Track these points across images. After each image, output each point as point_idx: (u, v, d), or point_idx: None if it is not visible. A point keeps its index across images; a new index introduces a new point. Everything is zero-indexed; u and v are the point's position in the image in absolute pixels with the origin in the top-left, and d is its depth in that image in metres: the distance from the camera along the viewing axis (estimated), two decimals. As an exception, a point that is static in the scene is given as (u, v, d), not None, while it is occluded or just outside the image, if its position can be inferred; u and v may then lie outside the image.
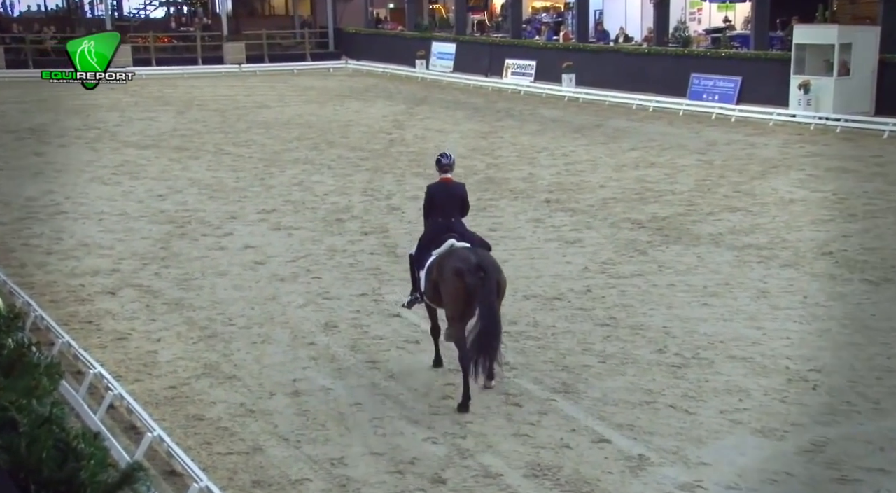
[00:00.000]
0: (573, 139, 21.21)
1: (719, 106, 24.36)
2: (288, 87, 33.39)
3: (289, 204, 15.17)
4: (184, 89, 31.76)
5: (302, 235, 13.22)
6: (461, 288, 7.55)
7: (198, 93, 31.02)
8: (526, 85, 30.48)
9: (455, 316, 7.68)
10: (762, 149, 19.51)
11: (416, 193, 15.70)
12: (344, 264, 11.77)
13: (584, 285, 10.75)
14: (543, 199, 15.13)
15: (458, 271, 7.58)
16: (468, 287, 7.51)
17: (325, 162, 18.82)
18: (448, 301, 7.72)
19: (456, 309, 7.65)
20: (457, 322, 7.67)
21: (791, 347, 8.78)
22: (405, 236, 12.97)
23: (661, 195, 15.25)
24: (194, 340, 9.21)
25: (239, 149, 20.55)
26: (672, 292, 10.40)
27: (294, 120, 25.03)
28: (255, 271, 11.52)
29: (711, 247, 12.19)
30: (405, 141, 21.36)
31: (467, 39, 35.39)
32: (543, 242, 12.57)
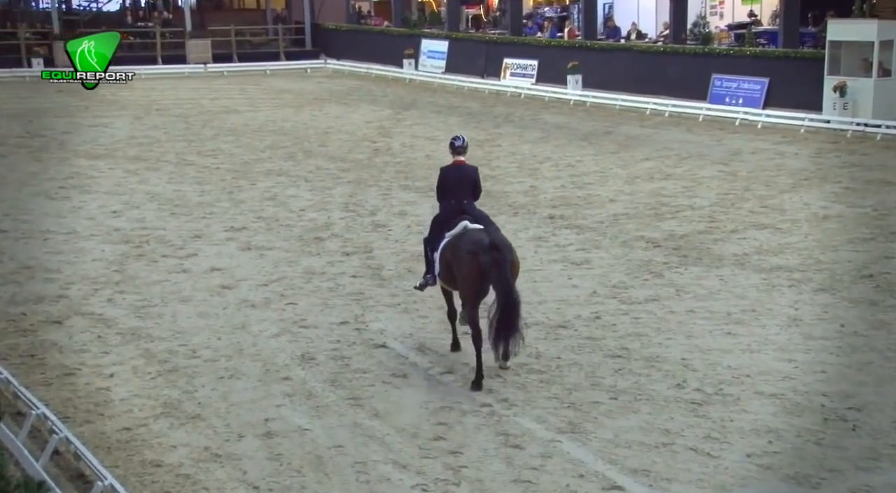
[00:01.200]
0: (580, 148, 21.31)
1: (744, 111, 24.51)
2: (259, 89, 33.48)
3: (260, 221, 15.18)
4: (141, 92, 31.83)
5: (275, 255, 13.22)
6: (475, 268, 8.65)
7: (157, 96, 31.10)
8: (527, 87, 30.64)
9: (469, 296, 8.83)
10: (792, 159, 19.63)
11: (403, 209, 15.75)
12: (323, 288, 11.77)
13: (592, 311, 10.76)
14: (547, 215, 15.17)
15: (472, 252, 8.70)
16: (482, 267, 8.62)
17: (301, 174, 18.87)
18: (462, 281, 8.86)
19: (470, 289, 8.77)
20: (471, 302, 8.82)
21: (827, 382, 8.80)
22: (392, 257, 12.99)
23: (678, 211, 15.32)
24: (152, 375, 9.18)
25: (204, 159, 20.58)
26: (692, 320, 10.43)
27: (266, 126, 25.08)
28: (222, 296, 11.50)
29: (736, 269, 12.23)
30: (391, 150, 21.43)
31: (461, 36, 35.59)
32: (547, 263, 12.60)
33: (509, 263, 8.68)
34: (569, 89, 29.12)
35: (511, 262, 8.74)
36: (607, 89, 28.32)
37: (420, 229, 14.41)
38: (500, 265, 8.55)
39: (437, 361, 9.41)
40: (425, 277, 9.66)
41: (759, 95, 24.99)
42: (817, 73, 23.17)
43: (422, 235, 13.97)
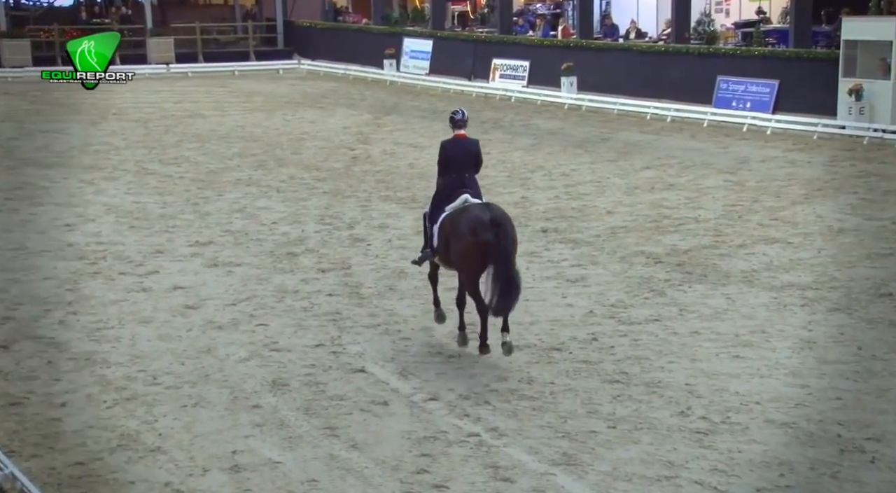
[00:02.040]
0: (575, 156, 21.38)
1: (752, 115, 24.65)
2: (227, 92, 33.47)
3: (228, 235, 15.15)
4: (98, 95, 31.67)
5: (244, 272, 13.20)
6: (474, 244, 9.52)
7: (115, 99, 31.04)
8: (517, 90, 30.75)
9: (469, 273, 9.70)
10: (804, 167, 19.74)
11: (384, 222, 15.76)
12: (296, 307, 11.75)
13: (588, 332, 10.77)
14: (539, 228, 15.20)
15: (472, 228, 9.56)
16: (482, 243, 9.48)
17: (272, 184, 18.85)
18: (462, 258, 9.70)
19: (470, 265, 9.64)
20: (471, 279, 9.69)
21: (843, 410, 8.82)
22: (371, 274, 12.98)
23: (681, 224, 15.38)
24: (108, 404, 9.13)
25: (166, 168, 20.54)
26: (696, 342, 10.45)
27: (235, 132, 25.07)
28: (185, 317, 11.47)
29: (744, 287, 12.28)
30: (371, 158, 21.44)
31: (446, 35, 35.71)
32: (539, 280, 12.61)
33: (510, 239, 9.58)
34: (563, 92, 29.23)
35: (511, 238, 9.61)
36: (604, 92, 28.44)
37: (402, 244, 14.44)
38: (500, 242, 9.46)
39: (420, 387, 9.39)
40: (424, 251, 10.48)
41: (769, 98, 25.14)
42: (831, 75, 23.27)
43: (404, 249, 14.08)
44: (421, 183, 18.59)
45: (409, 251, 14.05)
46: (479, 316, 9.91)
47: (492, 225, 9.53)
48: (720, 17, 32.43)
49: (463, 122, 10.45)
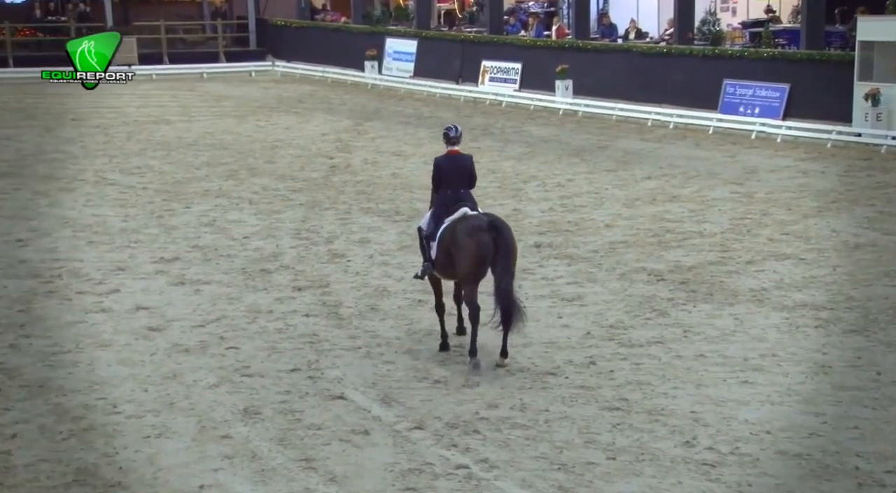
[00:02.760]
0: (570, 165, 21.43)
1: (761, 122, 24.76)
2: (195, 96, 33.45)
3: (196, 250, 15.12)
4: (53, 99, 31.72)
5: (214, 291, 13.17)
6: (474, 247, 10.30)
7: (73, 103, 30.97)
8: (508, 95, 30.83)
9: (468, 275, 10.44)
10: (818, 178, 19.83)
11: (365, 236, 15.76)
12: (270, 329, 11.73)
13: (586, 355, 10.78)
14: (532, 243, 15.22)
15: (471, 232, 10.36)
16: (481, 246, 10.27)
17: (244, 195, 18.84)
18: (461, 261, 10.42)
19: (469, 269, 10.38)
20: (470, 282, 10.45)
21: (861, 440, 8.84)
22: (351, 292, 12.97)
23: (685, 238, 15.42)
24: (64, 435, 9.08)
25: (129, 178, 20.51)
26: (702, 366, 10.47)
27: (203, 140, 25.05)
28: (149, 340, 11.43)
29: (753, 306, 12.31)
30: (351, 167, 21.45)
31: (432, 35, 35.80)
32: (533, 299, 12.62)
33: (509, 245, 10.31)
34: (557, 97, 29.33)
35: (510, 247, 10.32)
36: (602, 97, 28.54)
37: (385, 260, 14.44)
38: (500, 247, 10.24)
39: (404, 414, 9.38)
40: (424, 264, 11.12)
41: (779, 103, 25.24)
42: (846, 78, 23.39)
43: (386, 266, 14.08)
44: (405, 194, 18.61)
45: (393, 267, 14.06)
46: (471, 322, 10.49)
47: (489, 229, 10.33)
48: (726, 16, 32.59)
49: (457, 138, 11.01)
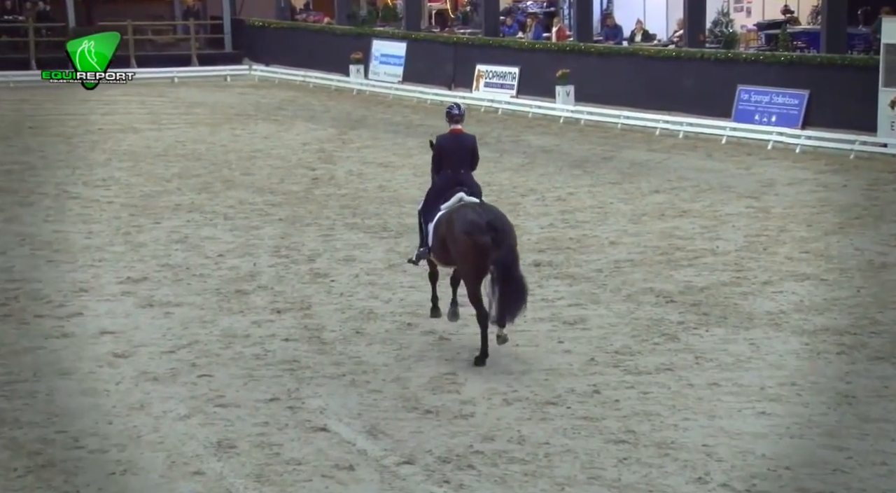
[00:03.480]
0: (572, 177, 21.47)
1: (778, 131, 24.81)
2: (165, 102, 33.45)
3: (166, 270, 15.10)
4: (10, 105, 31.71)
5: (185, 314, 13.15)
6: (471, 247, 10.77)
7: (31, 110, 30.98)
8: (505, 101, 30.89)
9: (468, 276, 11.03)
10: (840, 192, 19.87)
11: (350, 254, 15.76)
12: (246, 355, 11.70)
13: (589, 383, 10.78)
14: (531, 261, 15.22)
15: (468, 231, 10.79)
16: (479, 246, 10.72)
17: (219, 209, 18.83)
18: (460, 261, 11.07)
19: (469, 269, 10.97)
20: (471, 282, 10.97)
21: (889, 477, 8.82)
22: (335, 315, 12.96)
23: (696, 257, 15.45)
24: (19, 472, 9.04)
25: (93, 191, 20.49)
26: (715, 396, 10.46)
27: (174, 149, 25.04)
28: (114, 367, 11.39)
29: (770, 330, 12.32)
30: (335, 180, 21.46)
31: (423, 37, 35.87)
32: (531, 322, 12.62)
33: (510, 243, 10.85)
34: (558, 104, 29.38)
35: (510, 245, 10.84)
36: (606, 104, 28.59)
37: (371, 280, 14.45)
38: (501, 246, 10.74)
39: (392, 448, 9.36)
40: (419, 250, 11.86)
41: (797, 111, 25.30)
42: (870, 84, 23.41)
43: (373, 286, 14.09)
44: (393, 209, 18.62)
45: (380, 288, 14.06)
46: (479, 324, 11.11)
47: (488, 229, 10.80)
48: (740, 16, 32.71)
49: (460, 116, 11.77)
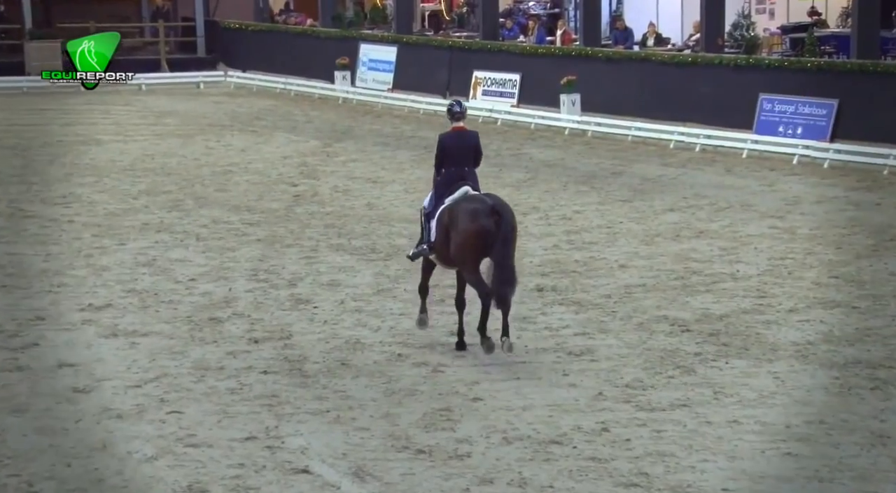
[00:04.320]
0: (578, 194, 21.48)
1: (804, 144, 24.81)
2: (133, 111, 33.46)
3: (132, 295, 15.08)
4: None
5: (153, 344, 13.11)
6: (474, 230, 11.92)
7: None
8: (505, 111, 30.92)
9: (468, 260, 12.09)
10: (872, 211, 19.89)
11: (334, 278, 15.75)
12: (220, 389, 11.67)
13: (597, 421, 10.75)
14: (534, 285, 15.21)
15: (472, 214, 11.99)
16: (482, 230, 11.89)
17: (191, 229, 18.81)
18: (460, 245, 12.05)
19: (468, 253, 12.03)
20: (469, 267, 12.11)
21: (925, 520, 8.83)
22: (318, 345, 12.94)
23: (715, 282, 15.44)
24: (-27, 516, 9.01)
25: (51, 209, 20.46)
26: (736, 435, 10.44)
27: (141, 163, 25.04)
28: (74, 403, 11.35)
29: (796, 363, 12.30)
30: (318, 197, 21.46)
31: (415, 41, 35.94)
32: (534, 353, 12.60)
33: (510, 227, 11.97)
34: (563, 114, 29.41)
35: (511, 226, 12.00)
36: (615, 114, 28.63)
37: (358, 306, 14.44)
38: (501, 230, 11.85)
39: (381, 491, 9.33)
40: (419, 246, 12.86)
41: (826, 122, 25.29)
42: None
43: (360, 313, 14.08)
44: (382, 228, 18.63)
45: (367, 315, 14.05)
46: (482, 302, 12.15)
47: (492, 213, 11.95)
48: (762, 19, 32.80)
49: (462, 114, 12.91)
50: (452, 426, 10.55)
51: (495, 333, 12.22)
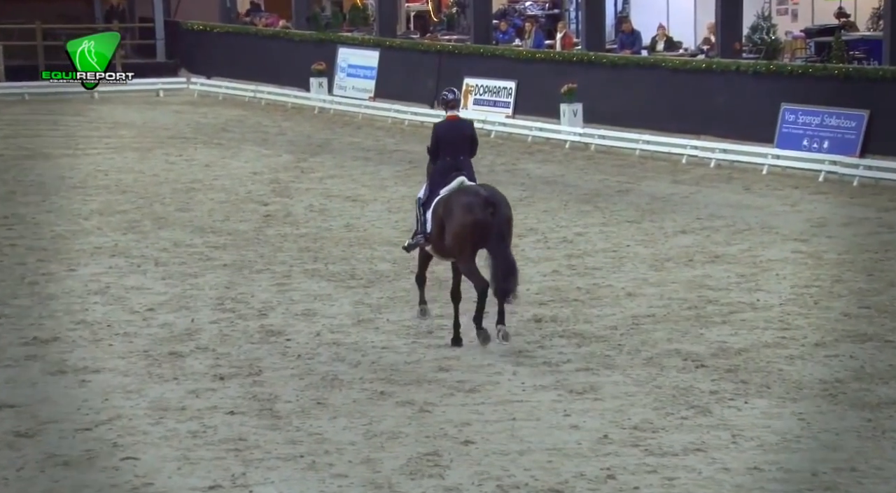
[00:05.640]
0: (581, 214, 21.49)
1: (831, 159, 24.84)
2: (84, 122, 33.42)
3: (82, 328, 15.03)
4: None
5: (105, 382, 13.07)
6: (469, 223, 13.14)
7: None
8: (499, 122, 30.98)
9: (463, 251, 13.37)
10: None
11: (310, 307, 15.74)
12: (181, 432, 11.63)
13: (602, 467, 10.74)
14: (531, 315, 15.20)
15: (467, 206, 13.21)
16: (477, 222, 13.12)
17: (149, 253, 18.78)
18: (455, 236, 13.29)
19: (464, 245, 13.30)
20: (465, 258, 13.39)
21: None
22: (291, 382, 12.91)
23: (732, 312, 15.44)
24: None
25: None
26: (756, 482, 10.41)
27: (94, 180, 25.00)
28: (15, 449, 11.29)
29: (823, 403, 12.29)
30: (292, 217, 21.44)
31: (399, 44, 35.97)
32: (531, 390, 12.59)
33: (506, 219, 13.32)
34: (563, 126, 29.46)
35: (507, 217, 13.33)
36: (621, 125, 28.69)
37: (336, 339, 14.43)
38: (496, 222, 13.13)
39: (360, 547, 9.31)
40: (415, 236, 14.13)
41: (855, 135, 25.32)
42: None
43: (338, 346, 14.07)
44: (363, 251, 18.62)
45: (346, 349, 14.04)
46: (477, 294, 13.43)
47: (487, 204, 13.18)
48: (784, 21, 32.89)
49: (456, 101, 14.33)
50: (441, 472, 10.53)
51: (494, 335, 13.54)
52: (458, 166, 13.90)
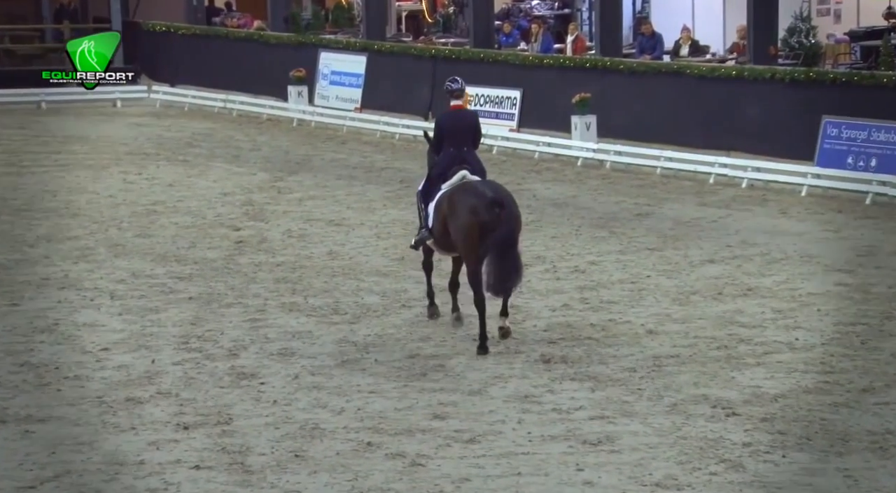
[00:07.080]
0: (595, 241, 21.51)
1: (879, 179, 24.87)
2: (30, 136, 33.46)
3: (26, 370, 15.02)
4: None
5: (52, 432, 13.04)
6: (475, 225, 14.32)
7: None
8: (502, 136, 31.02)
9: (470, 256, 14.59)
10: (965, 263, 19.94)
11: (287, 346, 15.75)
12: (139, 490, 11.61)
13: (621, 530, 10.73)
14: (538, 355, 15.20)
15: (472, 209, 14.35)
16: (483, 224, 14.27)
17: (104, 285, 18.79)
18: (461, 239, 14.55)
19: (471, 247, 14.47)
20: (472, 262, 14.53)
21: None
22: (266, 431, 12.90)
23: (768, 352, 15.44)
24: None
25: (-72, 258, 20.44)
26: (797, 546, 10.43)
27: (41, 202, 25.01)
28: (-46, 505, 11.30)
29: (872, 457, 12.28)
30: (267, 243, 21.45)
31: (389, 48, 36.04)
32: (539, 441, 12.57)
33: (514, 218, 14.56)
34: (575, 140, 29.53)
35: (515, 216, 14.59)
36: (640, 140, 28.74)
37: (316, 382, 14.41)
38: (504, 222, 14.28)
39: None
40: (420, 231, 15.53)
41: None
42: None
43: (319, 390, 14.06)
44: (348, 283, 18.62)
45: (329, 394, 14.03)
46: (477, 309, 14.82)
47: (493, 205, 14.29)
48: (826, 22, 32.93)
49: (460, 91, 15.51)
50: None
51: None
52: (463, 158, 15.27)
